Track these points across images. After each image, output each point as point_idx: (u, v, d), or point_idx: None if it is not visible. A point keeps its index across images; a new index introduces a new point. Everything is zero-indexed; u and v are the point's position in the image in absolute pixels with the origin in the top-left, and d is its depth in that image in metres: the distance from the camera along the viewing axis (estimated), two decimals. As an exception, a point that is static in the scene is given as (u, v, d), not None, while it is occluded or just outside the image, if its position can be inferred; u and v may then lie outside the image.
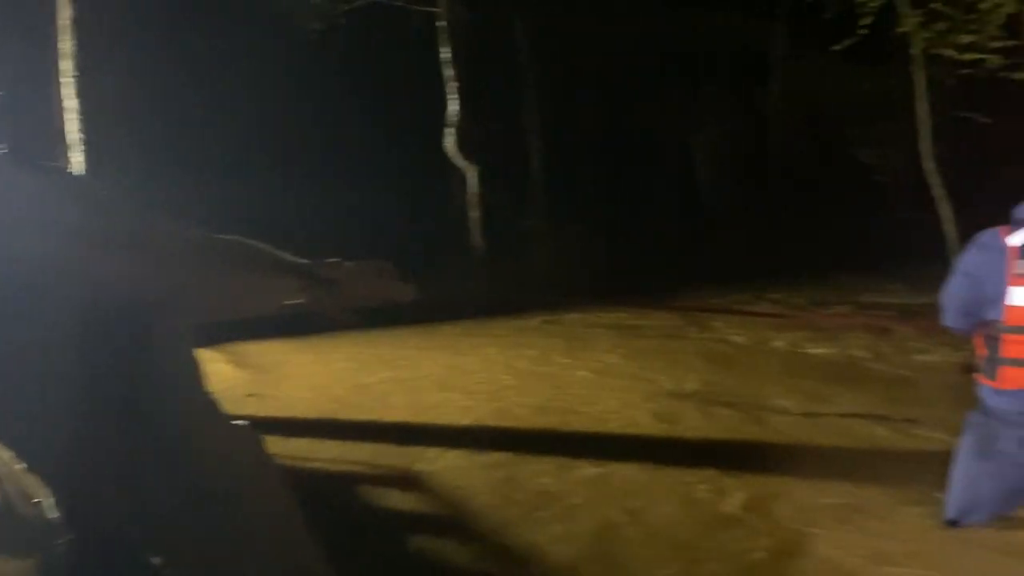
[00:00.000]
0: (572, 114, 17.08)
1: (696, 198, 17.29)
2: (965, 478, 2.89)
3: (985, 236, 2.76)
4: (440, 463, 3.75)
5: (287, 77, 12.08)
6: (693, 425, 4.47)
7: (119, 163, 5.73)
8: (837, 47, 11.11)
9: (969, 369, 2.89)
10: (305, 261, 2.22)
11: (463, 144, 10.76)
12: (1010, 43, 9.63)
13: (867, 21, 10.58)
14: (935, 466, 3.41)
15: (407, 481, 3.53)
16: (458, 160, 10.86)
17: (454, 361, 6.24)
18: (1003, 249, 2.66)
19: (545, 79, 17.28)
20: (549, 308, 8.56)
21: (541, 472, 3.64)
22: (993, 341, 2.74)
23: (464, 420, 4.60)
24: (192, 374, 1.96)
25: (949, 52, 10.36)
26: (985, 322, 2.78)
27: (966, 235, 2.92)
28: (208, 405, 1.98)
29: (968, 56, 10.30)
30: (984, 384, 2.80)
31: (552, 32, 16.60)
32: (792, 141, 17.92)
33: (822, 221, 17.18)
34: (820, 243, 16.15)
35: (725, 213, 16.90)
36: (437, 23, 10.98)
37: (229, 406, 1.98)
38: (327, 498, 3.28)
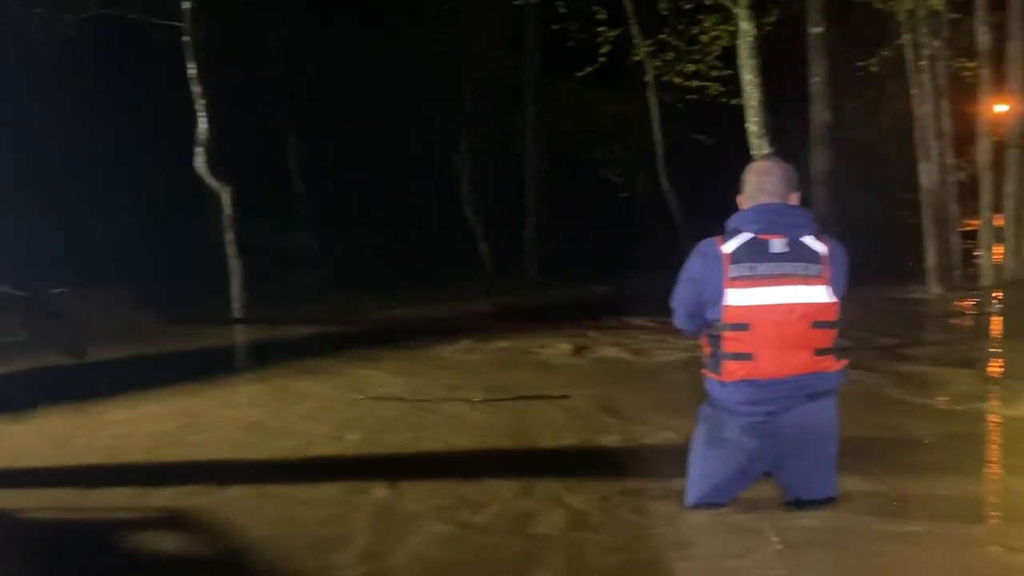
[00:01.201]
0: (336, 133, 16.89)
1: (460, 213, 17.68)
2: (700, 466, 3.17)
3: (703, 245, 3.06)
4: (202, 500, 3.53)
5: (14, 92, 10.96)
6: (431, 435, 4.62)
7: None
8: (581, 73, 12.03)
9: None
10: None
11: (214, 164, 10.24)
12: (727, 72, 10.87)
13: (606, 50, 11.53)
14: (666, 457, 3.83)
15: (174, 522, 3.29)
16: (210, 181, 10.33)
17: (205, 393, 5.92)
18: (719, 256, 2.96)
19: (304, 99, 16.96)
20: (312, 333, 8.49)
21: (291, 494, 3.59)
22: (715, 339, 3.04)
23: (217, 454, 4.36)
24: None
25: (677, 79, 11.57)
26: (708, 322, 3.08)
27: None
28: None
29: (693, 83, 11.58)
30: (710, 378, 3.10)
31: (311, 51, 16.32)
32: (545, 160, 18.85)
33: (573, 235, 18.27)
34: (571, 256, 17.16)
35: (485, 228, 17.46)
36: (182, 38, 10.40)
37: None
38: (90, 548, 3.02)
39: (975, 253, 12.33)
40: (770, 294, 2.90)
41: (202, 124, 10.36)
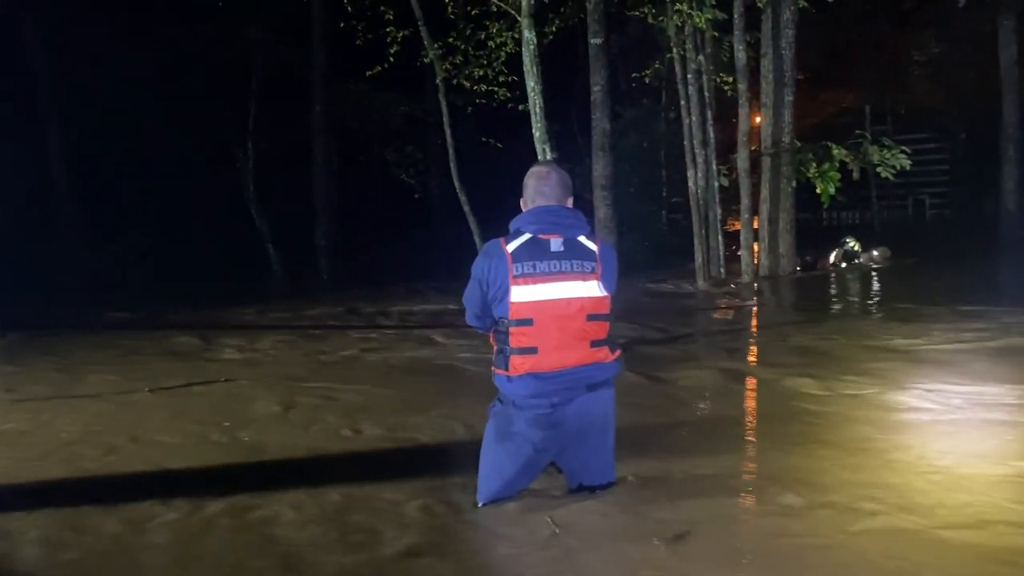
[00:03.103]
0: (107, 128, 15.63)
1: (247, 214, 16.93)
2: (491, 461, 3.25)
3: (489, 246, 3.16)
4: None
5: None
6: (175, 452, 4.38)
7: None
8: (370, 72, 11.95)
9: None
10: None
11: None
12: (513, 78, 11.20)
13: (394, 50, 11.53)
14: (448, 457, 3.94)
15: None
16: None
17: None
18: (503, 256, 3.07)
19: (71, 90, 15.61)
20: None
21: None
22: (502, 335, 3.14)
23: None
24: None
25: (466, 83, 11.78)
26: (496, 320, 3.18)
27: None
28: None
29: (481, 87, 11.84)
30: (498, 374, 3.19)
31: (76, 42, 15.03)
32: (336, 160, 18.51)
33: (368, 237, 18.07)
34: (365, 258, 16.97)
35: (273, 231, 16.89)
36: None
37: None
38: None
39: (737, 252, 13.51)
40: (550, 290, 3.04)
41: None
